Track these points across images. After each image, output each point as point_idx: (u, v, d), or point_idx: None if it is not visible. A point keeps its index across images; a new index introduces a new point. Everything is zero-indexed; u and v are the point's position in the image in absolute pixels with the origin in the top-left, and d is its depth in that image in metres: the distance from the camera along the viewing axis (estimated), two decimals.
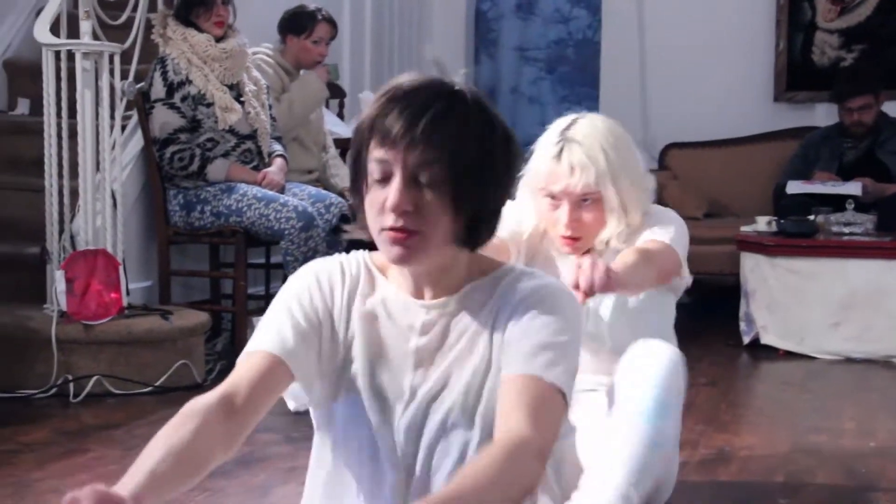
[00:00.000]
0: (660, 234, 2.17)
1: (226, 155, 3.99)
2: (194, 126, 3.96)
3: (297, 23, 4.44)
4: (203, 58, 3.96)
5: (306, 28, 4.43)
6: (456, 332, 1.45)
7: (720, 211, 5.78)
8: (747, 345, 4.49)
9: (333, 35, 4.56)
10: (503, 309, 1.43)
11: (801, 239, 4.49)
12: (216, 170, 3.94)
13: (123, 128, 3.98)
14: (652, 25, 6.28)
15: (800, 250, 4.44)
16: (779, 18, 6.07)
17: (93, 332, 3.45)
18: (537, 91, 6.91)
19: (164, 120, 3.91)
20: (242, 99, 4.05)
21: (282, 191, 4.00)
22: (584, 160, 2.10)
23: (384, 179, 1.36)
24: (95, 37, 3.73)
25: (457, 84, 1.40)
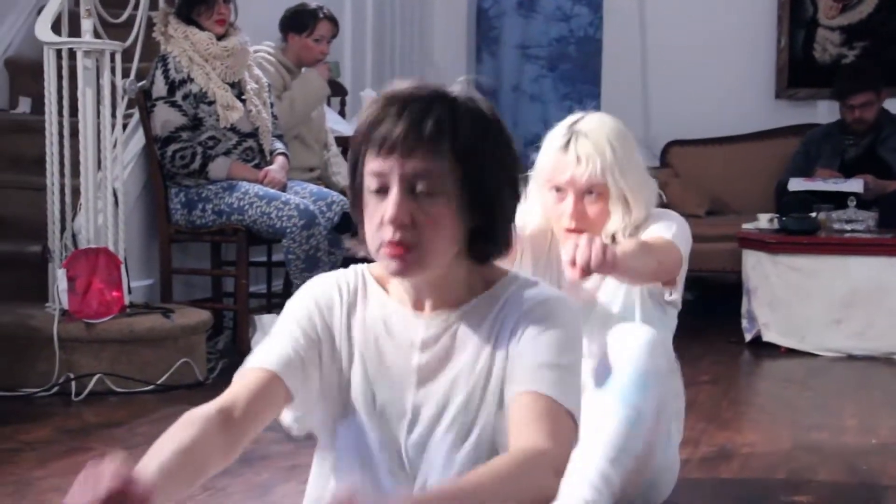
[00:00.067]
0: (662, 231, 2.17)
1: (227, 153, 3.99)
2: (196, 124, 3.96)
3: (298, 21, 4.44)
4: (204, 56, 3.96)
5: (308, 26, 4.43)
6: (458, 346, 1.43)
7: (722, 208, 5.78)
8: (749, 342, 4.49)
9: (335, 33, 4.56)
10: (507, 322, 1.41)
11: (802, 236, 4.49)
12: (218, 168, 3.94)
13: (125, 126, 3.98)
14: (653, 23, 6.27)
15: (801, 247, 4.44)
16: (780, 15, 6.07)
17: (94, 330, 3.46)
18: (539, 89, 6.91)
19: (166, 118, 3.91)
20: (244, 97, 4.05)
21: (283, 189, 4.00)
22: (590, 151, 2.12)
23: (382, 191, 1.34)
24: (97, 35, 3.74)
25: (455, 91, 1.37)
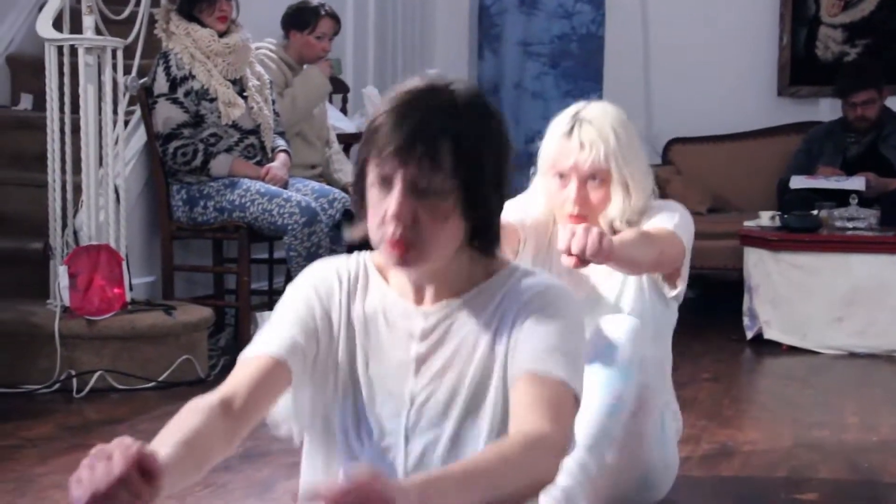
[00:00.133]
0: (664, 222, 2.17)
1: (229, 150, 3.99)
2: (197, 121, 3.95)
3: (300, 18, 4.44)
4: (206, 53, 3.96)
5: (309, 23, 4.42)
6: (457, 337, 1.44)
7: (724, 206, 5.77)
8: (750, 340, 4.48)
9: (337, 30, 4.56)
10: (508, 312, 1.42)
11: (804, 234, 4.48)
12: (219, 165, 3.94)
13: (126, 123, 3.98)
14: (655, 20, 6.27)
15: (803, 245, 4.44)
16: (782, 13, 6.06)
17: (96, 327, 3.46)
18: (541, 86, 6.90)
19: (167, 115, 3.91)
20: (245, 94, 4.05)
21: (285, 186, 4.00)
22: (594, 137, 2.14)
23: (385, 187, 1.36)
24: (98, 32, 3.74)
25: (458, 91, 1.38)
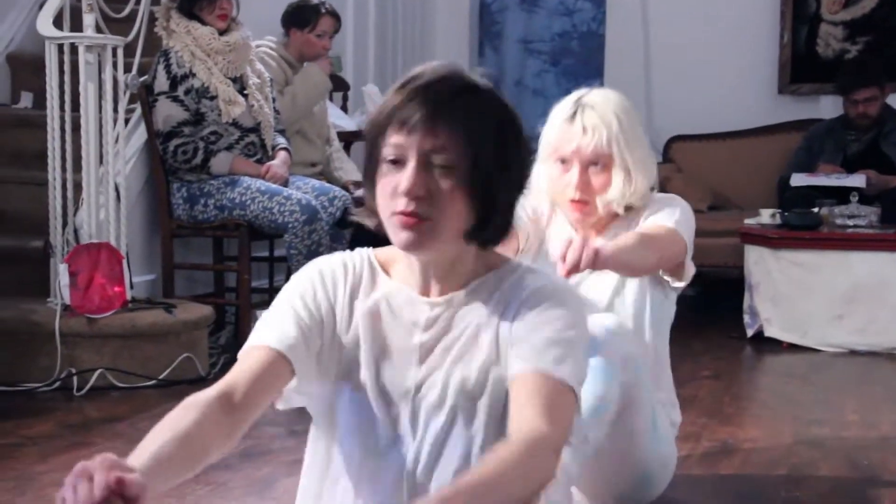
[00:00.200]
0: (665, 219, 2.17)
1: (229, 148, 3.99)
2: (198, 119, 3.95)
3: (300, 16, 4.43)
4: (206, 51, 3.96)
5: (310, 21, 4.42)
6: (460, 326, 1.45)
7: (724, 203, 5.77)
8: (751, 337, 4.49)
9: (337, 28, 4.56)
10: (510, 305, 1.43)
11: (804, 231, 4.48)
12: (220, 163, 3.94)
13: (127, 121, 3.98)
14: (656, 18, 6.26)
15: (804, 243, 4.44)
16: (783, 10, 6.06)
17: (96, 325, 3.46)
18: (541, 84, 6.90)
19: (168, 113, 3.91)
20: (246, 92, 4.05)
21: (285, 184, 4.00)
22: (597, 122, 2.15)
23: (398, 163, 1.37)
24: (98, 30, 3.73)
25: (475, 77, 1.41)
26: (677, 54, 6.14)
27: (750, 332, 4.50)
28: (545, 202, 2.25)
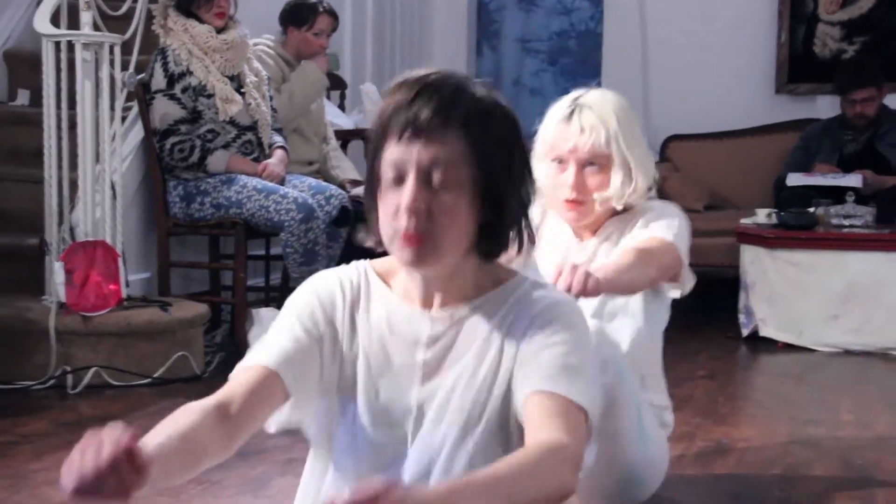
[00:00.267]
0: (662, 230, 2.16)
1: (226, 146, 3.99)
2: (195, 117, 3.95)
3: (298, 14, 4.43)
4: (204, 49, 3.96)
5: (307, 20, 4.42)
6: (464, 343, 1.43)
7: (721, 203, 5.78)
8: (746, 337, 4.49)
9: (335, 27, 4.56)
10: (517, 323, 1.41)
11: (800, 231, 4.49)
12: (216, 161, 3.94)
13: (123, 119, 3.97)
14: (654, 17, 6.26)
15: (799, 242, 4.44)
16: (781, 10, 6.06)
17: (91, 323, 3.46)
18: (539, 83, 6.90)
19: (165, 111, 3.91)
20: (243, 90, 4.04)
21: (282, 182, 4.00)
22: (594, 121, 2.15)
23: (398, 180, 1.35)
24: (96, 27, 3.73)
25: (479, 88, 1.38)
26: (675, 53, 6.14)
27: (745, 332, 4.51)
28: (536, 206, 2.25)
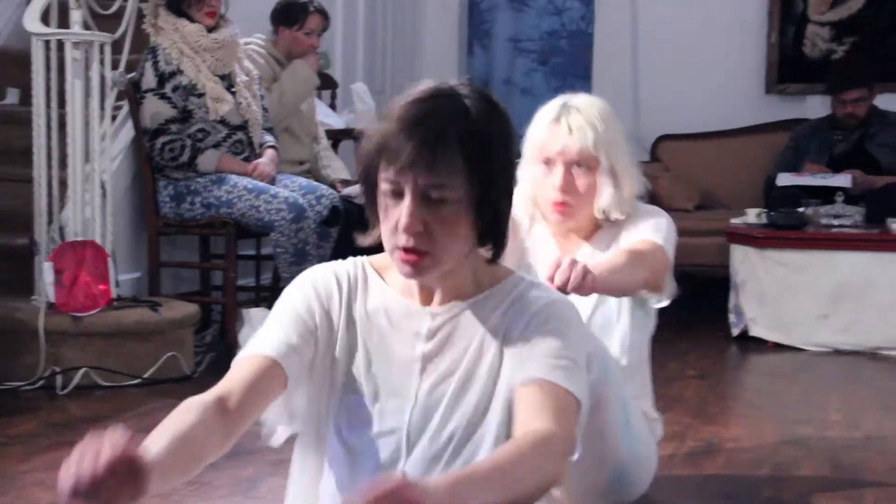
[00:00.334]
0: (652, 233, 2.17)
1: (217, 146, 3.98)
2: (185, 116, 3.95)
3: (289, 14, 4.43)
4: (194, 48, 3.95)
5: (298, 19, 4.42)
6: (464, 338, 1.44)
7: (711, 203, 5.78)
8: (736, 337, 4.50)
9: (325, 26, 4.56)
10: (515, 321, 1.43)
11: (790, 231, 4.50)
12: (207, 161, 3.93)
13: (114, 118, 3.96)
14: (645, 17, 6.27)
15: (789, 242, 4.45)
16: (771, 10, 6.08)
17: (81, 323, 3.45)
18: (530, 82, 6.90)
19: (155, 110, 3.90)
20: (234, 89, 4.04)
21: (273, 182, 3.99)
22: (582, 123, 2.16)
23: (396, 195, 1.36)
24: (86, 26, 3.72)
25: (466, 96, 1.38)
26: (665, 54, 6.15)
27: (735, 332, 4.52)
28: (524, 213, 2.25)
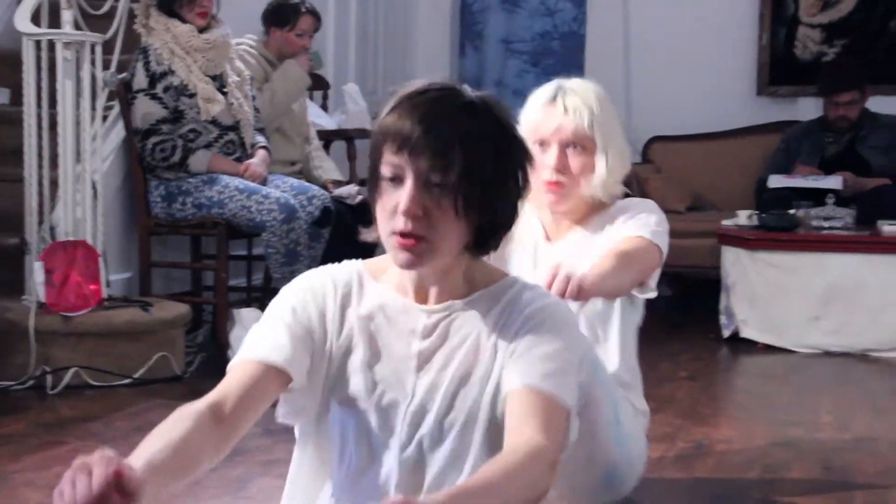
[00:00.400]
0: (640, 229, 2.17)
1: (208, 146, 3.97)
2: (176, 117, 3.94)
3: (280, 15, 4.42)
4: (186, 48, 3.94)
5: (290, 20, 4.41)
6: (459, 335, 1.45)
7: (703, 204, 5.79)
8: (727, 338, 4.50)
9: (317, 27, 4.55)
10: (509, 322, 1.43)
11: (781, 233, 4.51)
12: (198, 161, 3.92)
13: (105, 118, 3.96)
14: (637, 19, 6.29)
15: (780, 244, 4.46)
16: (762, 13, 6.09)
17: (72, 323, 3.44)
18: (522, 84, 6.90)
19: (146, 110, 3.89)
20: (225, 90, 4.03)
21: (264, 182, 3.99)
22: (578, 104, 2.17)
23: (396, 181, 1.36)
24: (77, 26, 3.71)
25: (472, 92, 1.41)
26: (657, 55, 6.16)
27: (726, 333, 4.52)
28: None
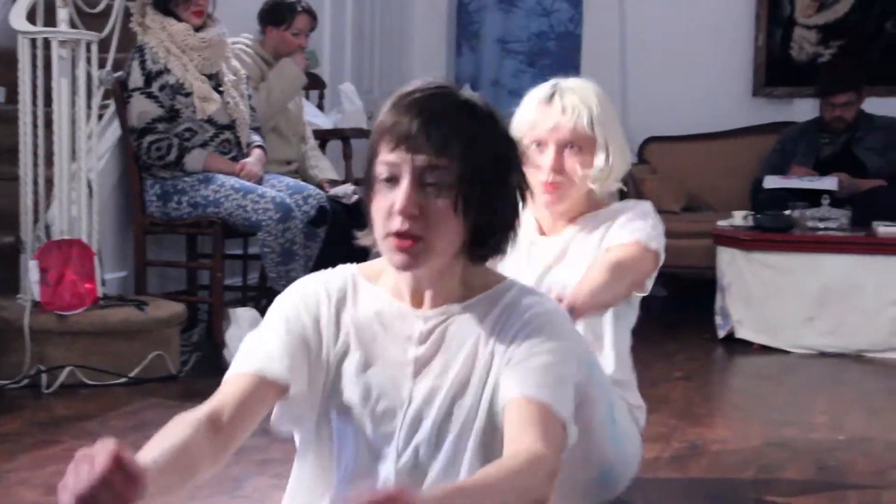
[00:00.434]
0: (635, 234, 2.16)
1: (204, 145, 3.97)
2: (172, 116, 3.94)
3: (276, 14, 4.42)
4: (182, 47, 3.94)
5: (286, 19, 4.41)
6: (456, 341, 1.44)
7: (698, 205, 5.80)
8: (722, 339, 4.51)
9: (313, 26, 4.55)
10: (507, 327, 1.43)
11: (776, 234, 4.51)
12: (194, 160, 3.92)
13: (100, 117, 3.96)
14: (633, 19, 6.29)
15: (775, 245, 4.47)
16: (758, 14, 6.10)
17: (67, 322, 3.44)
18: (518, 84, 6.90)
19: (142, 109, 3.89)
20: (221, 89, 4.03)
21: (260, 182, 3.99)
22: (577, 102, 2.16)
23: (392, 181, 1.36)
24: (73, 25, 3.71)
25: (468, 93, 1.42)
26: (653, 56, 6.16)
27: (721, 334, 4.53)
28: None
